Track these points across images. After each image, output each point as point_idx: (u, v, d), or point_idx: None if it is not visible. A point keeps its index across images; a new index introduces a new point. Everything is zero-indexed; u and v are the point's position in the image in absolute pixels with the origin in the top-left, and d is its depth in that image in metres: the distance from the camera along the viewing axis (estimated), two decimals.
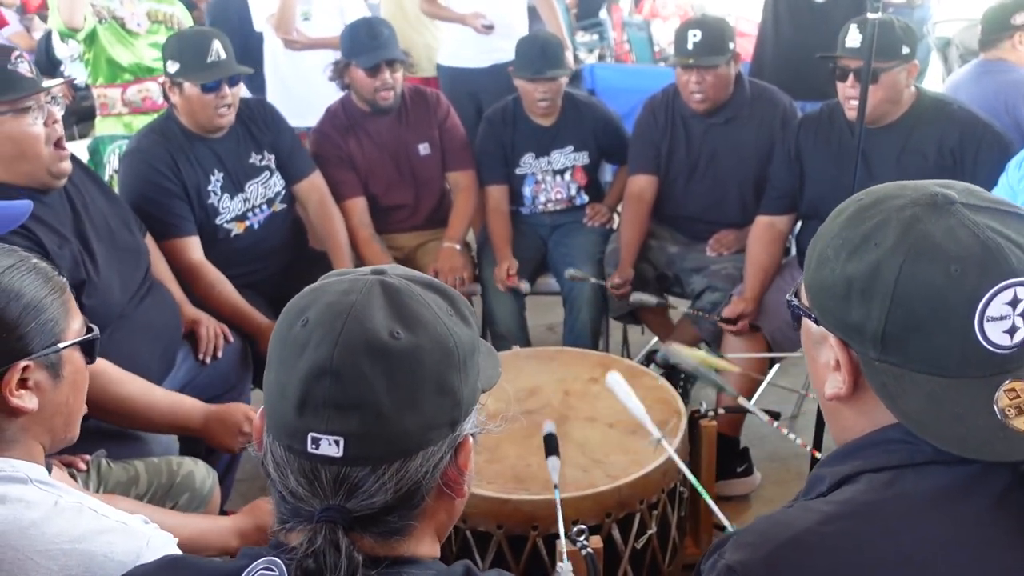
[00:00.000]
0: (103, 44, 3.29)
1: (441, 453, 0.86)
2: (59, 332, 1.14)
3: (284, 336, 0.87)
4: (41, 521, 1.03)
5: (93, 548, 1.03)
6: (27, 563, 1.00)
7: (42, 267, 1.16)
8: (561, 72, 3.06)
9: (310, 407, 0.82)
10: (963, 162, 2.47)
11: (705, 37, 2.76)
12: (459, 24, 3.78)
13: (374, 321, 0.84)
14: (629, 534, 1.90)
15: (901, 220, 0.85)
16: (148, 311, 2.20)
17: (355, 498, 0.83)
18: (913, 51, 2.47)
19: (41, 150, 1.96)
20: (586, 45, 6.87)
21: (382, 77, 2.95)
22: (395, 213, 3.17)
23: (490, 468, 1.92)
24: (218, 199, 2.66)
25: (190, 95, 2.55)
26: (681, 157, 3.00)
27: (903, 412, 0.84)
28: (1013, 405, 0.81)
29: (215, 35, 2.61)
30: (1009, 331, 0.82)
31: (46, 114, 1.98)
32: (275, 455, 0.86)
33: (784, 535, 0.83)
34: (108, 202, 2.25)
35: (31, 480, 1.08)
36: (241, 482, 2.63)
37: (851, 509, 0.84)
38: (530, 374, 2.31)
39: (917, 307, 0.82)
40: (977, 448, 0.81)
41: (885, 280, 0.84)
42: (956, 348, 0.82)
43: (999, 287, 0.81)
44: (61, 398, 1.15)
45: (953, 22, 5.41)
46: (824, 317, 0.90)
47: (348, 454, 0.82)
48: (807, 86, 3.26)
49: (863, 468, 0.87)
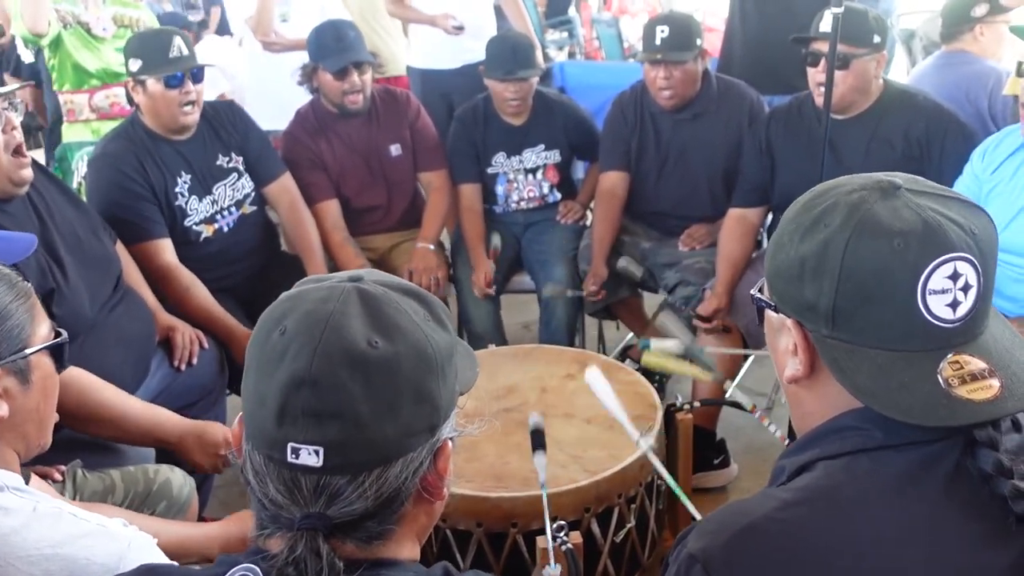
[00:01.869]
0: (68, 49, 3.25)
1: (421, 459, 0.87)
2: (25, 338, 1.13)
3: (262, 344, 0.87)
4: (21, 528, 1.03)
5: (75, 552, 1.03)
6: (9, 569, 1.00)
7: (5, 273, 1.15)
8: (532, 72, 3.07)
9: (289, 417, 0.83)
10: (930, 151, 2.51)
11: (673, 33, 2.79)
12: (428, 25, 3.77)
13: (352, 330, 0.84)
14: (608, 528, 1.91)
15: (849, 202, 0.89)
16: (120, 320, 2.18)
17: (335, 505, 0.83)
18: (884, 41, 2.52)
19: (0, 157, 1.91)
20: (555, 43, 6.88)
21: (350, 80, 2.94)
22: (368, 215, 3.16)
23: (469, 466, 1.92)
24: (186, 201, 2.64)
25: (153, 92, 2.54)
26: (651, 153, 3.02)
27: (854, 384, 0.87)
28: (956, 375, 0.85)
29: (176, 32, 2.61)
30: (951, 305, 0.85)
31: (4, 121, 1.93)
32: (254, 463, 0.86)
33: (743, 522, 0.86)
34: (75, 209, 2.22)
35: (7, 488, 1.07)
36: (219, 488, 2.62)
37: (807, 495, 0.87)
38: (507, 372, 2.32)
39: (864, 280, 0.86)
40: (922, 414, 0.84)
41: (833, 256, 0.87)
42: (902, 321, 0.86)
43: (940, 260, 0.84)
44: (32, 404, 1.15)
45: (917, 14, 5.48)
46: (782, 301, 0.94)
47: (328, 463, 0.82)
48: (775, 80, 3.28)
49: (819, 456, 0.89)
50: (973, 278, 0.85)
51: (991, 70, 3.11)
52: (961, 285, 0.85)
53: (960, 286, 0.85)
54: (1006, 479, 0.83)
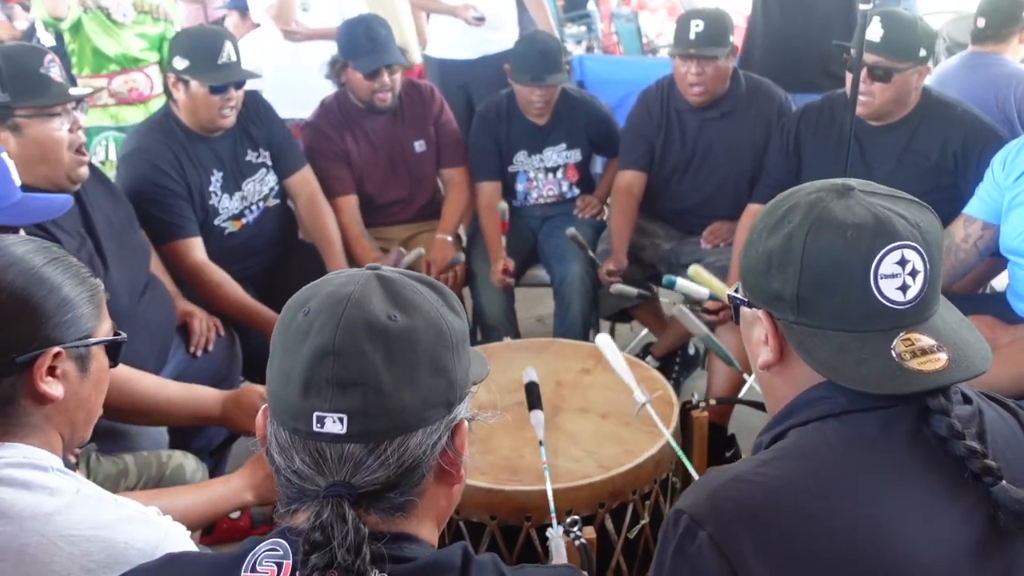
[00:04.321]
0: (88, 34, 3.26)
1: (439, 433, 0.90)
2: (90, 329, 1.18)
3: (287, 327, 0.91)
4: (65, 508, 1.06)
5: (114, 536, 1.06)
6: (51, 548, 1.03)
7: (82, 268, 1.21)
8: (559, 78, 3.04)
9: (314, 387, 0.86)
10: (966, 165, 2.44)
11: (708, 28, 2.74)
12: (449, 15, 3.76)
13: (372, 306, 0.88)
14: (622, 524, 1.90)
15: (808, 202, 1.00)
16: (147, 309, 2.20)
17: (359, 474, 0.86)
18: (930, 53, 2.42)
19: (63, 155, 1.99)
20: (574, 37, 6.85)
21: (380, 80, 2.91)
22: (388, 208, 3.15)
23: (483, 459, 1.91)
24: (218, 199, 2.64)
25: (196, 94, 2.51)
26: (676, 152, 2.98)
27: (816, 361, 0.98)
28: (908, 351, 0.95)
29: (226, 36, 2.58)
30: (901, 288, 0.95)
31: (72, 121, 2.02)
32: (280, 440, 0.89)
33: (724, 478, 0.96)
34: (112, 200, 2.25)
35: (52, 468, 1.11)
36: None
37: (782, 453, 0.98)
38: (521, 365, 2.29)
39: (822, 268, 0.96)
40: (878, 384, 0.94)
41: (795, 249, 0.98)
42: (858, 304, 0.96)
43: (889, 248, 0.95)
44: (85, 393, 1.19)
45: (940, 14, 5.43)
46: (753, 295, 1.05)
47: (351, 430, 0.85)
48: (797, 77, 3.26)
49: (792, 424, 1.00)
50: (920, 264, 0.96)
51: (1021, 73, 3.06)
52: (909, 270, 0.95)
53: (908, 271, 0.95)
54: (958, 440, 0.92)
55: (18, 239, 1.18)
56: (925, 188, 2.31)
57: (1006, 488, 0.91)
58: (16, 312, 1.10)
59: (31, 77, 1.98)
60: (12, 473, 1.07)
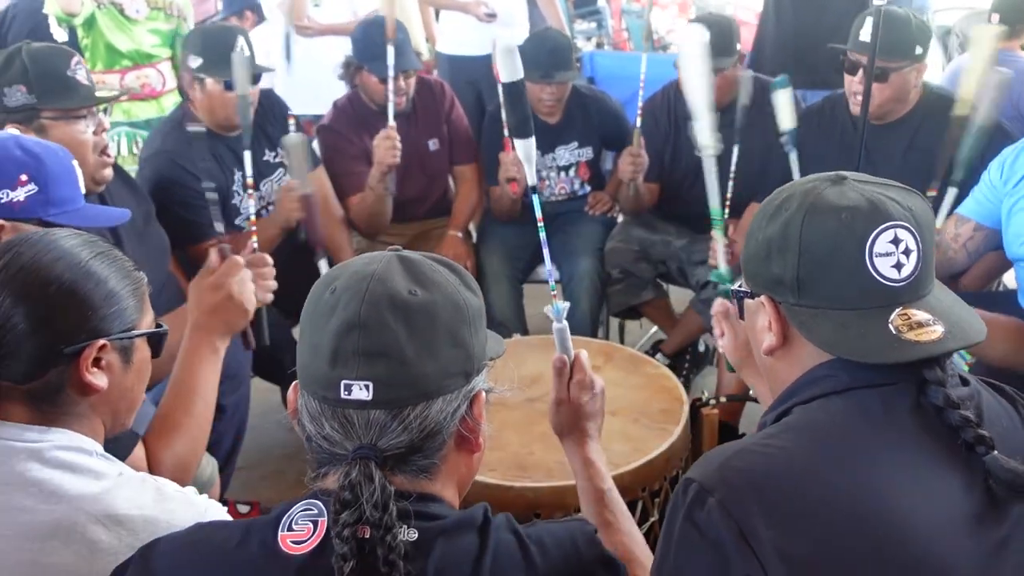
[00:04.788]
0: (101, 29, 3.26)
1: (458, 401, 0.96)
2: (134, 321, 1.22)
3: (315, 304, 0.97)
4: (110, 489, 1.10)
5: (157, 515, 1.11)
6: (97, 527, 1.07)
7: (127, 262, 1.25)
8: (569, 75, 3.03)
9: (342, 358, 0.92)
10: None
11: (714, 39, 2.72)
12: (460, 12, 3.76)
13: (394, 282, 0.95)
14: None
15: (803, 191, 1.05)
16: (163, 305, 2.20)
17: (384, 438, 0.92)
18: (926, 50, 2.42)
19: (88, 157, 2.00)
20: (584, 33, 6.85)
21: (396, 84, 2.91)
22: (402, 206, 3.14)
23: (492, 455, 1.92)
24: (240, 199, 2.65)
25: (212, 92, 2.52)
26: (685, 159, 2.97)
27: (818, 338, 1.02)
28: (905, 324, 0.99)
29: (240, 32, 2.58)
30: (896, 266, 0.99)
31: (96, 124, 2.04)
32: (310, 409, 0.96)
33: (732, 450, 0.99)
34: (133, 197, 2.27)
35: (96, 453, 1.16)
36: (241, 470, 2.63)
37: (786, 428, 1.01)
38: (532, 362, 2.30)
39: (819, 250, 1.00)
40: (877, 354, 0.98)
41: (792, 234, 1.02)
42: (855, 282, 0.99)
43: (882, 227, 0.99)
44: (128, 383, 1.23)
45: (953, 11, 5.40)
46: (755, 282, 1.09)
47: (377, 397, 0.91)
48: (809, 75, 3.24)
49: (796, 403, 1.03)
50: (913, 244, 0.99)
51: None
52: (903, 249, 0.99)
53: (902, 250, 0.99)
54: (954, 410, 0.96)
55: (66, 233, 1.21)
56: (930, 185, 2.31)
57: (997, 458, 0.94)
58: (64, 305, 1.14)
59: (58, 79, 2.00)
60: (60, 456, 1.11)
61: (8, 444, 1.11)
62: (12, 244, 1.17)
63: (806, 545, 0.91)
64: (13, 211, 1.52)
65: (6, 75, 1.99)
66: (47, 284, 1.13)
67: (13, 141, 1.56)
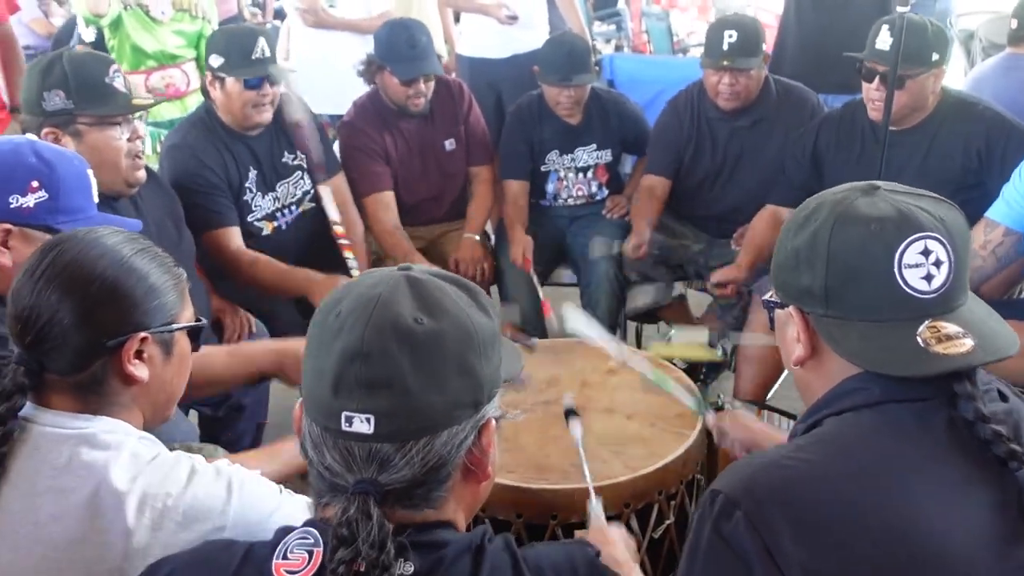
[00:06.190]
0: (127, 30, 3.30)
1: (465, 433, 0.93)
2: (174, 315, 1.25)
3: (321, 326, 0.94)
4: (149, 469, 1.14)
5: (195, 491, 1.15)
6: (135, 502, 1.11)
7: (167, 258, 1.28)
8: (588, 78, 3.04)
9: (344, 387, 0.89)
10: (990, 161, 2.43)
11: (740, 38, 2.71)
12: (481, 14, 3.77)
13: (400, 307, 0.91)
14: (647, 524, 1.91)
15: (834, 200, 1.04)
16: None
17: (385, 472, 0.89)
18: (943, 57, 2.41)
19: (121, 162, 2.05)
20: (603, 35, 6.84)
21: (416, 87, 2.93)
22: (419, 206, 3.17)
23: (510, 457, 1.93)
24: (252, 197, 2.68)
25: (231, 91, 2.56)
26: (706, 160, 2.98)
27: (845, 350, 1.01)
28: (933, 337, 0.97)
29: (260, 32, 2.63)
30: (926, 278, 0.97)
31: (132, 130, 2.08)
32: (312, 436, 0.93)
33: (761, 461, 1.00)
34: (162, 198, 2.31)
35: (134, 435, 1.20)
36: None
37: (817, 439, 1.00)
38: (548, 365, 2.32)
39: (848, 260, 0.99)
40: (904, 367, 0.97)
41: (821, 243, 1.01)
42: (884, 293, 0.98)
43: (912, 238, 0.97)
44: (168, 376, 1.26)
45: (976, 15, 5.35)
46: (784, 292, 1.08)
47: (378, 431, 0.88)
48: (829, 78, 3.23)
49: (827, 414, 1.02)
50: (944, 255, 0.97)
51: None
52: (933, 260, 0.97)
53: (932, 261, 0.97)
54: (985, 424, 0.94)
55: (108, 230, 1.25)
56: (952, 189, 2.30)
57: None
58: (107, 299, 1.17)
59: (96, 86, 2.04)
60: (107, 438, 1.16)
61: (58, 432, 1.15)
62: (57, 242, 1.21)
63: (832, 562, 0.90)
64: (22, 216, 1.53)
65: (47, 80, 2.03)
66: (91, 280, 1.16)
67: (30, 147, 1.58)
